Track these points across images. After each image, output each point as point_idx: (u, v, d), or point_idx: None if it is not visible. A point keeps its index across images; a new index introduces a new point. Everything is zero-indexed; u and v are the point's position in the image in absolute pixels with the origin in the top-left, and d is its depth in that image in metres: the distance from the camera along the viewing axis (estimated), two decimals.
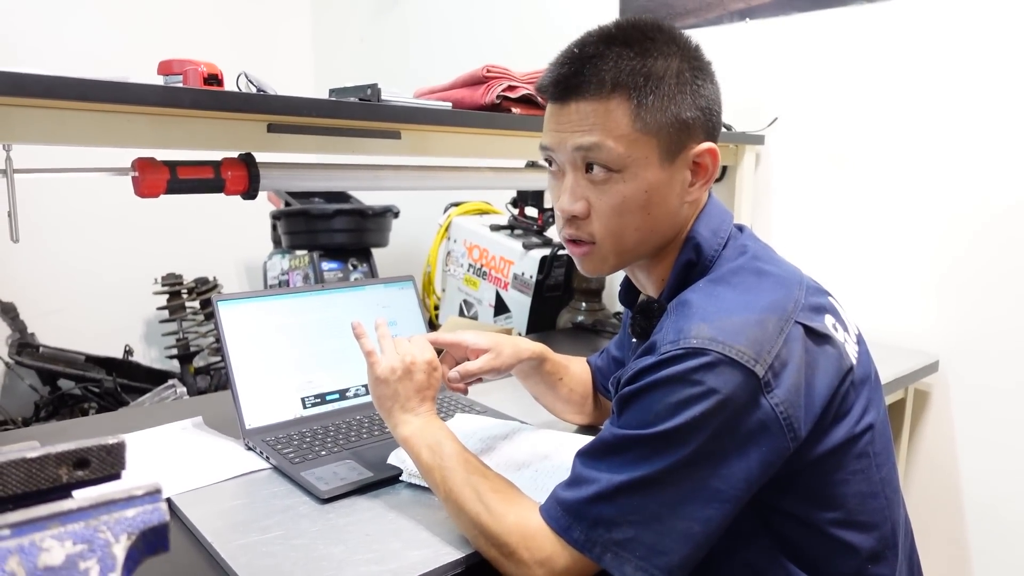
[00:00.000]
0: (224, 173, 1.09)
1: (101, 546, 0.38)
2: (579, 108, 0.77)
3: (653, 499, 0.68)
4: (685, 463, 0.68)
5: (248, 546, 0.79)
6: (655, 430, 0.68)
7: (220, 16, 2.96)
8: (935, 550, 1.68)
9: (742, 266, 0.79)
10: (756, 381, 0.68)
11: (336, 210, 2.46)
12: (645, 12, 2.02)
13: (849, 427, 0.74)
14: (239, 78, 1.10)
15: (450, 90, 1.39)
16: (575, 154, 0.78)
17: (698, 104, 0.78)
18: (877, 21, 1.65)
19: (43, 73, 0.82)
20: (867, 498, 0.76)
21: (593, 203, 0.79)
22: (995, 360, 1.56)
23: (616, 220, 0.78)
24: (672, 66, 0.76)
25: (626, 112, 0.75)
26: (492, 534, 0.74)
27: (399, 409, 0.88)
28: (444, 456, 0.82)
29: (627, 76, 0.75)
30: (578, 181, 0.79)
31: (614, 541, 0.69)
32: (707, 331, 0.69)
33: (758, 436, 0.68)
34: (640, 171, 0.76)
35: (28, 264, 2.53)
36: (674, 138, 0.77)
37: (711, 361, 0.67)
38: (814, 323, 0.75)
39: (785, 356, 0.70)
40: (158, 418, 1.19)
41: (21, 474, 0.43)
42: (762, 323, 0.71)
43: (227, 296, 1.11)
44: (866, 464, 0.76)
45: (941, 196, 1.60)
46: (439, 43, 2.68)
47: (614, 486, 0.69)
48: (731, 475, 0.68)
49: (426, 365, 0.89)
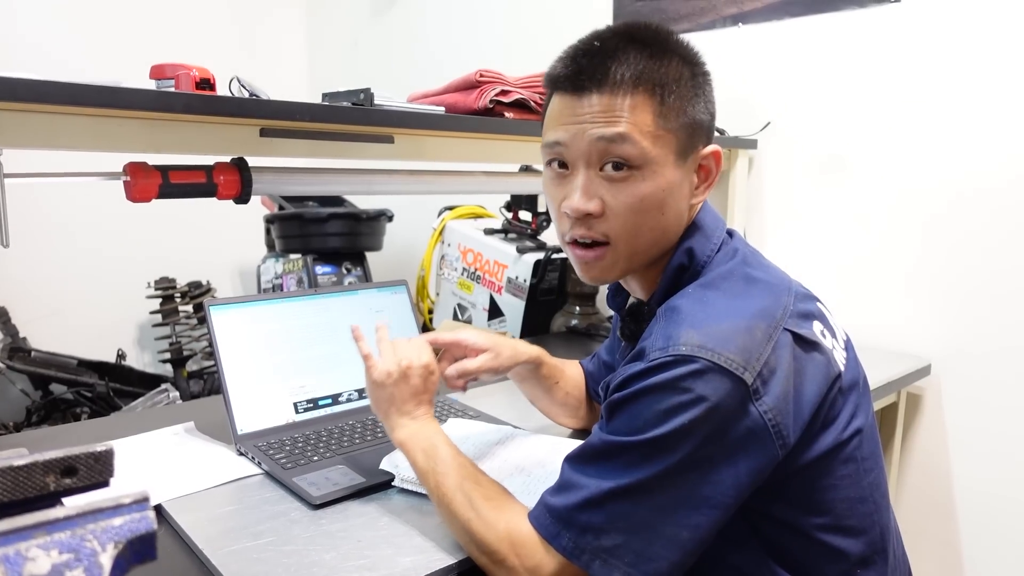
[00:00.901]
0: (216, 178, 1.09)
1: (88, 555, 0.38)
2: (601, 100, 0.75)
3: (642, 506, 0.68)
4: (674, 470, 0.67)
5: (239, 552, 0.79)
6: (644, 437, 0.68)
7: (212, 20, 2.95)
8: (928, 553, 1.69)
9: (732, 271, 0.79)
10: (745, 389, 0.68)
11: (330, 214, 2.45)
12: (638, 16, 2.03)
13: (836, 433, 0.74)
14: (231, 82, 1.10)
15: (443, 94, 1.39)
16: (594, 146, 0.76)
17: (708, 108, 0.80)
18: (870, 26, 1.65)
19: (34, 78, 0.82)
20: (855, 503, 0.76)
21: (608, 202, 0.77)
22: (987, 363, 1.57)
23: (632, 219, 0.77)
24: (685, 70, 0.77)
25: (650, 109, 0.75)
26: (482, 541, 0.74)
27: (396, 412, 0.87)
28: (438, 460, 0.81)
29: (651, 74, 0.75)
30: (591, 178, 0.77)
31: (603, 548, 0.69)
32: (696, 338, 0.69)
33: (747, 444, 0.68)
34: (659, 169, 0.76)
35: (20, 268, 2.52)
36: (688, 140, 0.78)
37: (700, 369, 0.67)
38: (802, 330, 0.75)
39: (774, 363, 0.70)
40: (150, 423, 1.18)
41: (8, 482, 0.43)
42: (751, 330, 0.70)
43: (220, 301, 1.11)
44: (853, 469, 0.76)
45: (933, 200, 1.61)
46: (433, 47, 2.68)
47: (603, 493, 0.69)
48: (720, 482, 0.68)
49: (423, 369, 0.89)
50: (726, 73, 1.86)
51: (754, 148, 1.85)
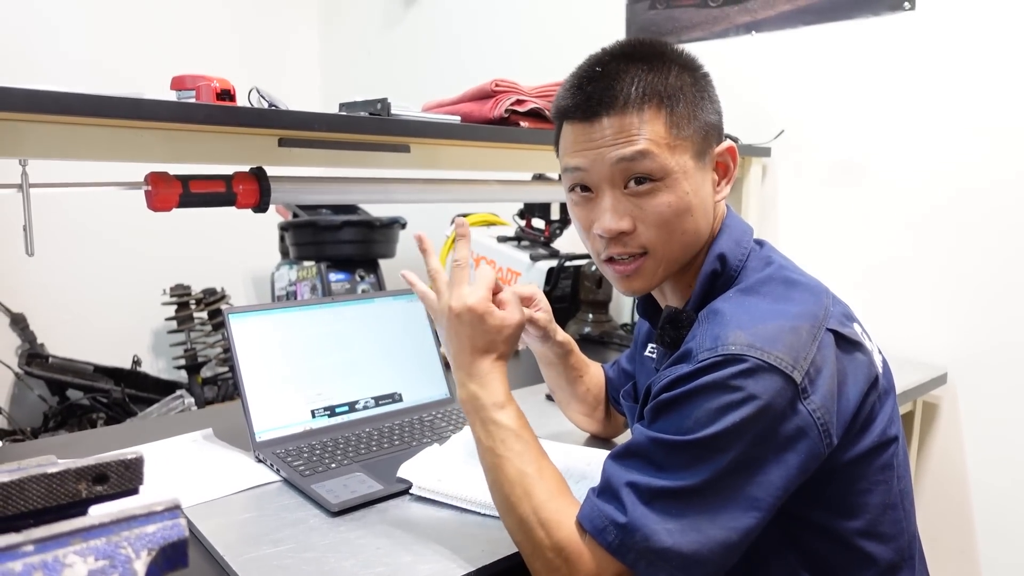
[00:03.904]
0: (236, 187, 1.10)
1: (122, 562, 0.39)
2: (612, 123, 0.77)
3: (692, 507, 0.68)
4: (724, 471, 0.67)
5: (260, 559, 0.80)
6: (695, 436, 0.68)
7: (226, 30, 2.98)
8: (944, 562, 1.67)
9: (771, 276, 0.80)
10: (794, 387, 0.68)
11: (344, 221, 2.47)
12: (651, 26, 2.03)
13: (875, 436, 0.75)
14: (251, 93, 1.11)
15: (458, 104, 1.40)
16: (616, 167, 0.77)
17: (715, 108, 0.82)
18: (884, 34, 1.65)
19: (59, 90, 0.83)
20: (887, 509, 0.76)
21: (638, 217, 0.78)
22: (1004, 372, 1.56)
23: (665, 228, 0.78)
24: (686, 77, 0.79)
25: (661, 121, 0.77)
26: (532, 535, 0.73)
27: (455, 368, 0.83)
28: (498, 441, 0.78)
29: (655, 88, 0.77)
30: (618, 198, 0.78)
31: (650, 549, 0.67)
32: (744, 338, 0.69)
33: (796, 442, 0.69)
34: (680, 176, 0.77)
35: (38, 275, 2.55)
36: (702, 142, 0.80)
37: (751, 367, 0.68)
38: (845, 330, 0.76)
39: (820, 362, 0.70)
40: (168, 430, 1.19)
41: (42, 489, 0.44)
42: (796, 330, 0.71)
43: (238, 309, 1.12)
44: (889, 475, 0.76)
45: (947, 209, 1.60)
46: (446, 57, 2.70)
47: (651, 491, 0.69)
48: (769, 483, 0.68)
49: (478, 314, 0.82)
50: (739, 81, 1.86)
51: (768, 156, 1.85)
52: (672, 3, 1.99)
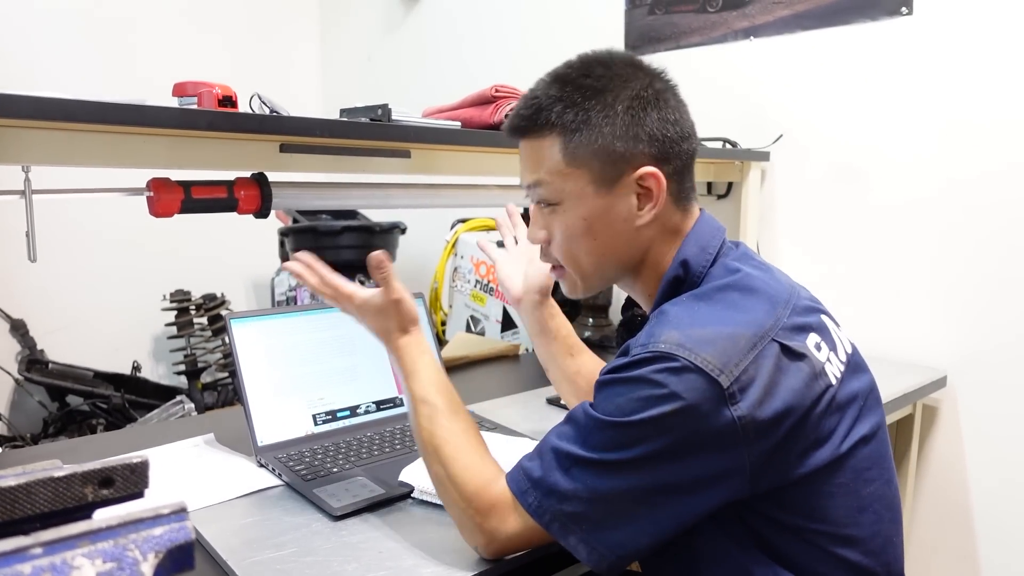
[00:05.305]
0: (237, 193, 1.10)
1: (130, 564, 0.39)
2: (524, 147, 0.86)
3: (605, 481, 0.72)
4: (641, 459, 0.70)
5: (263, 563, 0.80)
6: (618, 420, 0.71)
7: (226, 36, 2.99)
8: (945, 567, 1.68)
9: (731, 283, 0.80)
10: (720, 391, 0.69)
11: (344, 227, 2.47)
12: (650, 31, 2.04)
13: (833, 449, 0.74)
14: (252, 99, 1.12)
15: (459, 109, 1.41)
16: (527, 190, 0.87)
17: (634, 134, 0.80)
18: (882, 39, 1.66)
19: (62, 96, 0.84)
20: (854, 512, 0.76)
21: (551, 232, 0.87)
22: (1004, 374, 1.56)
23: (567, 246, 0.86)
24: (609, 100, 0.80)
25: (558, 149, 0.82)
26: (462, 487, 0.79)
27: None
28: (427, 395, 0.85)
29: (559, 115, 0.81)
30: (535, 213, 0.88)
31: (564, 513, 0.73)
32: (676, 337, 0.72)
33: (718, 445, 0.70)
34: (576, 201, 0.83)
35: (38, 281, 2.55)
36: (608, 168, 0.81)
37: (678, 366, 0.70)
38: (792, 342, 0.75)
39: (753, 372, 0.71)
40: (169, 435, 1.20)
41: (49, 493, 0.44)
42: (734, 338, 0.72)
43: (239, 314, 1.12)
44: (851, 478, 0.76)
45: (946, 212, 1.61)
46: (446, 62, 2.71)
47: (572, 459, 0.73)
48: (684, 478, 0.71)
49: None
50: (738, 86, 1.87)
51: (767, 160, 1.85)
52: (671, 8, 2.00)
